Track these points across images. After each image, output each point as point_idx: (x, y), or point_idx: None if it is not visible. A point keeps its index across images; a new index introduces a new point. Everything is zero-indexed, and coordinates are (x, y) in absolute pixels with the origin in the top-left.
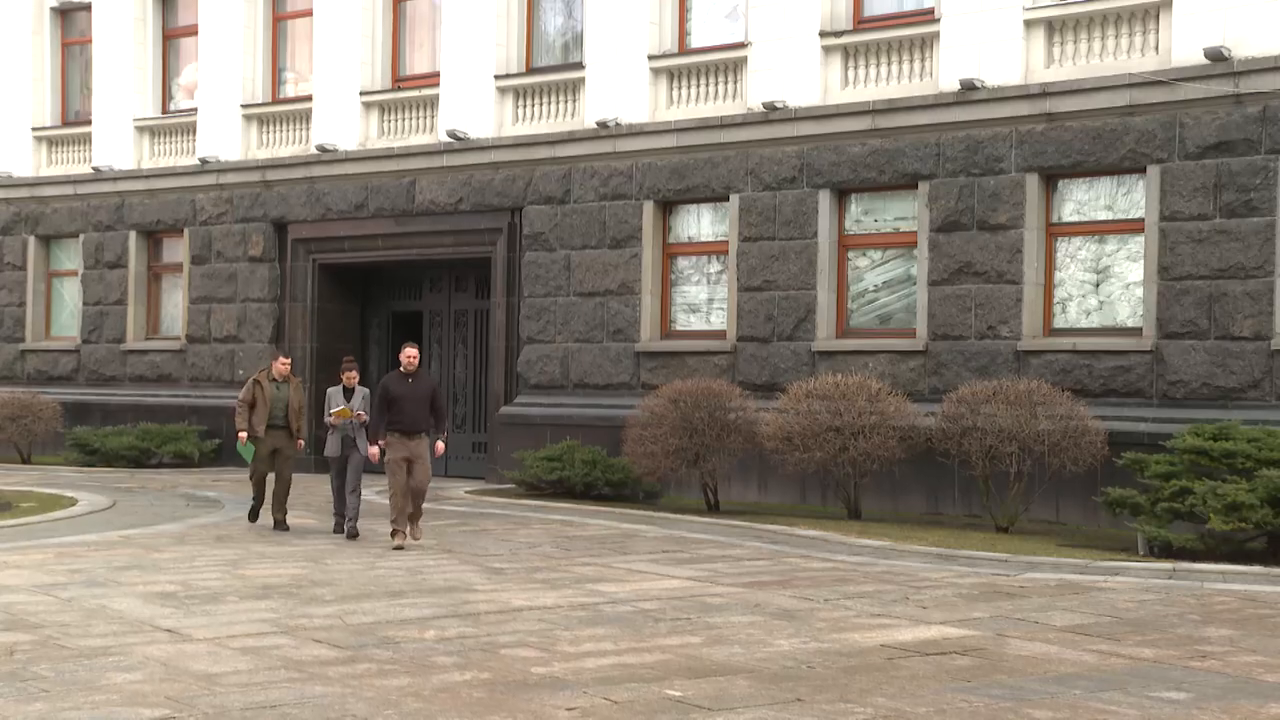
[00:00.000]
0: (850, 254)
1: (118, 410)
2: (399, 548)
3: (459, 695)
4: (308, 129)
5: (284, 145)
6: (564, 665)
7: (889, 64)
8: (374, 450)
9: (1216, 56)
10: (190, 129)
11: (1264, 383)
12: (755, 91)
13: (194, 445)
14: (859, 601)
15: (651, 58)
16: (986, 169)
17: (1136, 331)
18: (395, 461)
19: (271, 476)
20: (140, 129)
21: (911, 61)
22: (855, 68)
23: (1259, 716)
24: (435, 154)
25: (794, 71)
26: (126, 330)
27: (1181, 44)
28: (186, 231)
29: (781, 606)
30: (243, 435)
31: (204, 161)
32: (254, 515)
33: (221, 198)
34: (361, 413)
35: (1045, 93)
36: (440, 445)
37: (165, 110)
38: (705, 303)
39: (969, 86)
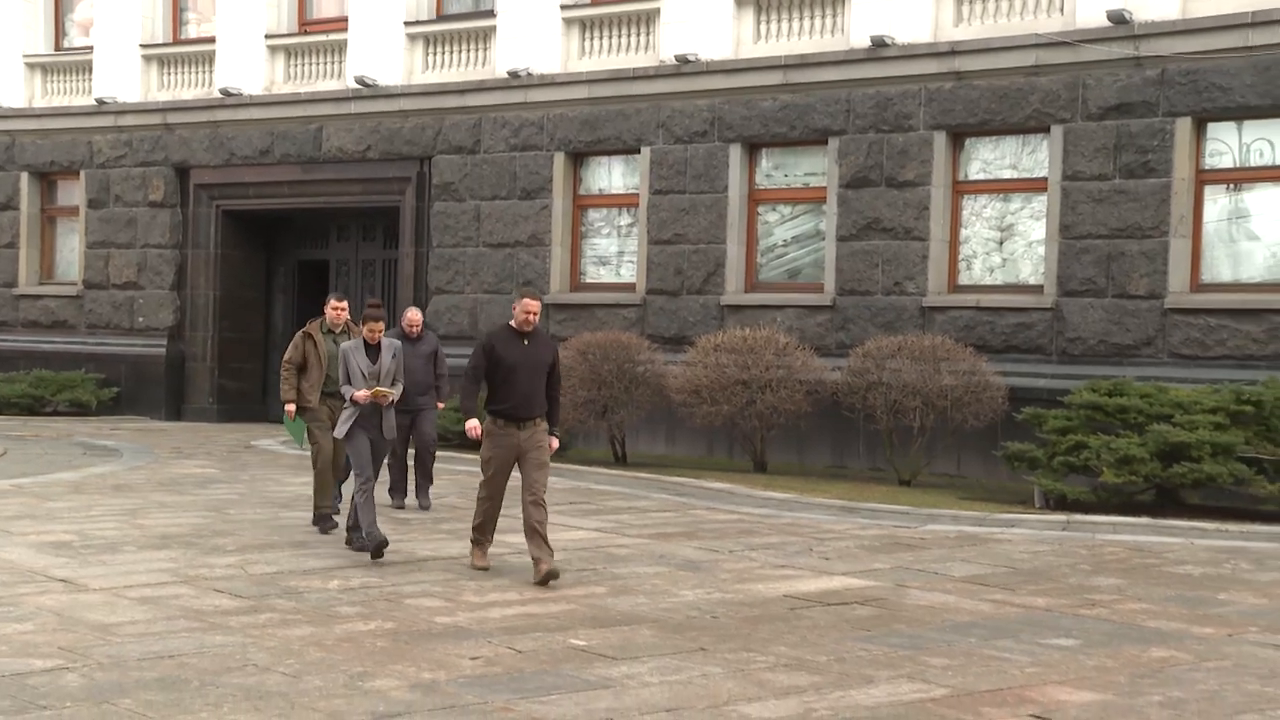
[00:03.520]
0: (760, 209)
1: (10, 357)
2: (483, 568)
3: (362, 645)
4: (211, 71)
5: (186, 88)
6: (468, 615)
7: (801, 19)
8: (473, 425)
9: (1118, 19)
10: (86, 68)
11: (1157, 340)
12: (667, 44)
13: (91, 393)
14: (763, 553)
15: (564, 8)
16: (895, 126)
17: (1038, 289)
18: (500, 459)
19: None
20: (31, 66)
21: (823, 17)
22: (767, 22)
23: (1141, 660)
24: (343, 100)
25: (706, 25)
26: (18, 274)
27: (1085, 6)
28: (83, 174)
29: (686, 558)
30: (290, 408)
31: (101, 102)
32: (323, 520)
33: (120, 140)
34: (392, 392)
35: (954, 51)
36: (554, 441)
37: (58, 47)
38: (615, 255)
39: (879, 43)
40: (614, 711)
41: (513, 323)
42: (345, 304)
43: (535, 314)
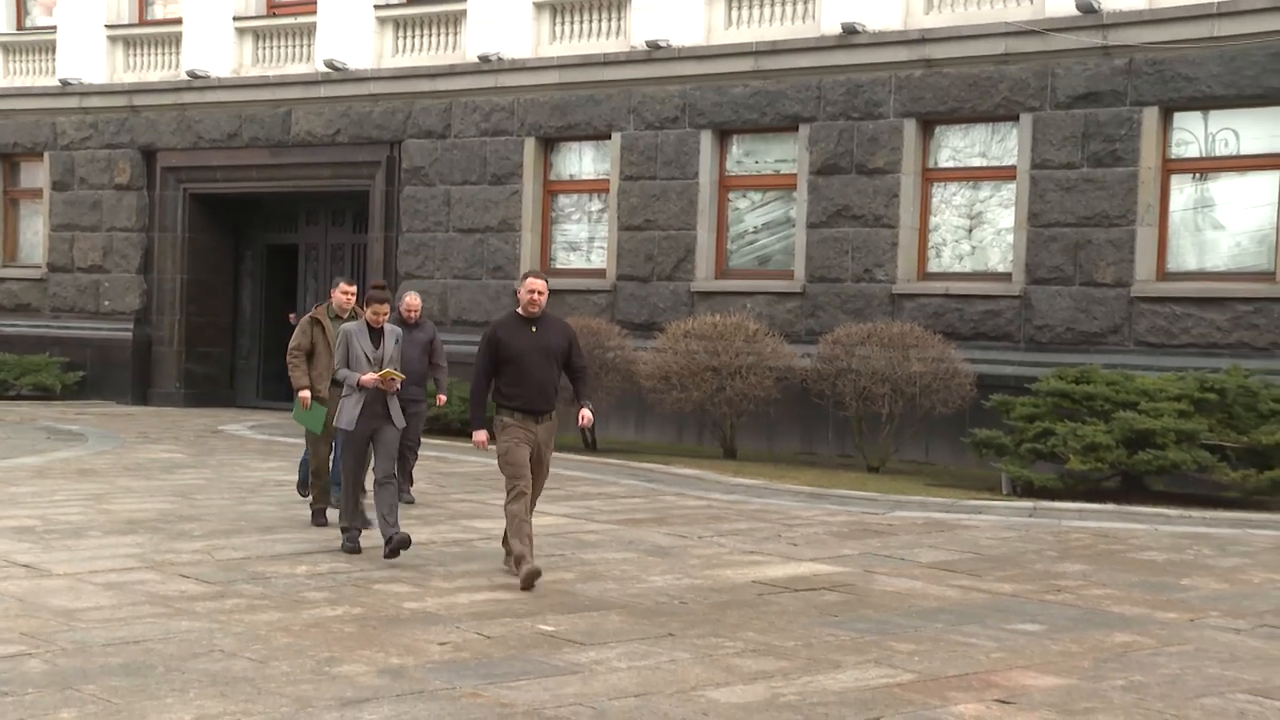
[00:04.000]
0: (731, 195)
1: None
2: (528, 587)
3: (330, 630)
4: (178, 54)
5: (152, 69)
6: (437, 600)
7: (772, 5)
8: (481, 436)
9: (1087, 8)
10: (49, 48)
11: (1123, 328)
12: (639, 29)
13: (56, 377)
14: (732, 539)
15: None
16: (866, 113)
17: (1006, 277)
18: (519, 452)
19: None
20: None
21: (795, 3)
22: (739, 8)
23: (1105, 645)
24: (312, 84)
25: (678, 10)
26: None
27: None
28: (47, 155)
29: (656, 543)
30: (305, 396)
31: (65, 83)
32: (321, 516)
33: (85, 121)
34: (400, 375)
35: (924, 39)
36: (587, 414)
37: (20, 27)
38: (586, 241)
39: (850, 30)
40: (582, 697)
41: (518, 308)
42: (354, 288)
43: (541, 294)
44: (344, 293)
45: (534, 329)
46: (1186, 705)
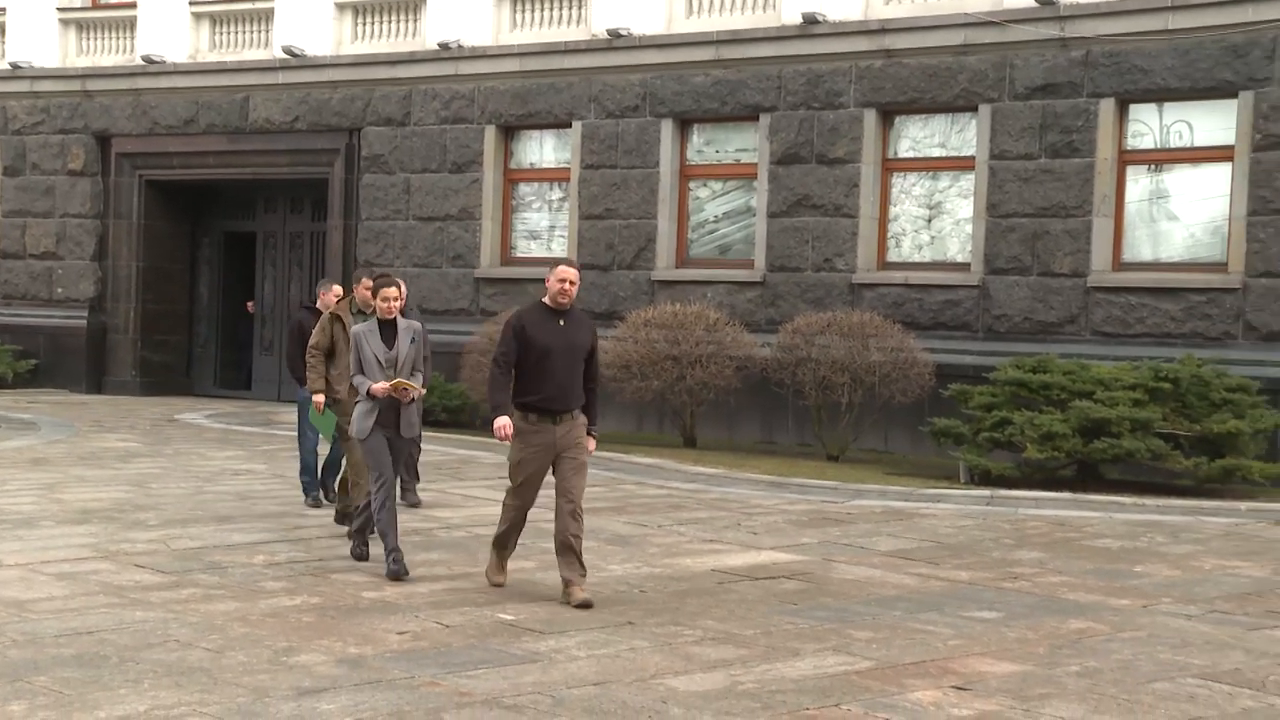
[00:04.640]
0: (691, 184)
1: None
2: (499, 584)
3: (287, 620)
4: (132, 38)
5: (106, 54)
6: (396, 590)
7: None
8: (503, 423)
9: (1045, 0)
10: None
11: (1080, 318)
12: (600, 17)
13: (7, 365)
14: (692, 527)
15: None
16: (826, 103)
17: (965, 267)
18: (533, 463)
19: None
20: None
21: None
22: None
23: (1060, 631)
24: (270, 70)
25: None
26: None
27: None
28: None
29: (615, 532)
30: (319, 400)
31: (15, 66)
32: (343, 518)
33: (37, 106)
34: (414, 385)
35: (884, 29)
36: (591, 442)
37: None
38: (546, 230)
39: (811, 20)
40: (541, 685)
41: (545, 299)
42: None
43: (573, 284)
44: (366, 288)
45: (562, 322)
46: (1139, 690)
